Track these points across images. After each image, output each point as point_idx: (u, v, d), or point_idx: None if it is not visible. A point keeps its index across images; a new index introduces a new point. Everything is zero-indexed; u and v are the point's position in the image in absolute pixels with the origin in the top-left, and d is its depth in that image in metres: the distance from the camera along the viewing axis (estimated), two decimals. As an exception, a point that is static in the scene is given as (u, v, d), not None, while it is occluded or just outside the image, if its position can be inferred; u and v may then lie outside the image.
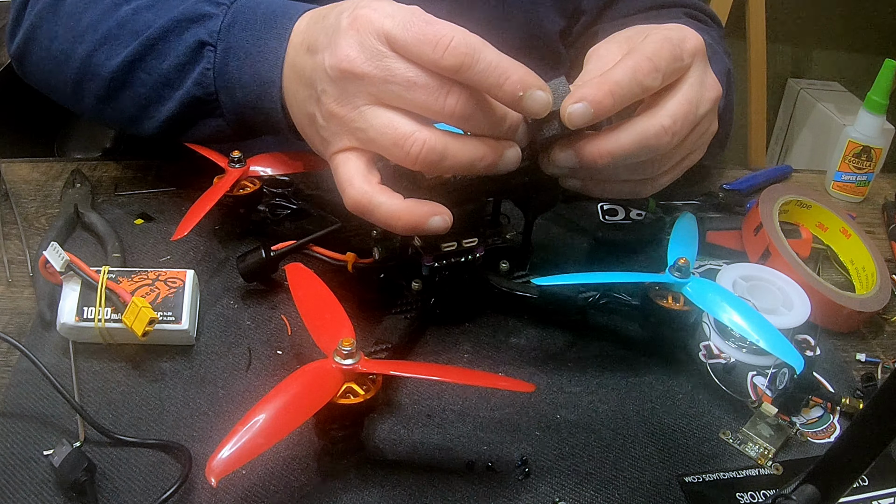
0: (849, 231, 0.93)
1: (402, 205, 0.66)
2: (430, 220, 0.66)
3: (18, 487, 0.61)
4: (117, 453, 0.65)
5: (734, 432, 0.71)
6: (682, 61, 0.71)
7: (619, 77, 0.67)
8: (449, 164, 0.66)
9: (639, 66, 0.68)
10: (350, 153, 0.68)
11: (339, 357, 0.62)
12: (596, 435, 0.70)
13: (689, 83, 0.72)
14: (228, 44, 0.80)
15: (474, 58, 0.62)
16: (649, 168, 0.75)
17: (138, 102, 0.86)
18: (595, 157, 0.69)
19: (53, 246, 0.72)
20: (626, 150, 0.69)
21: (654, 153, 0.71)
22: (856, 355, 0.81)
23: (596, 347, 0.79)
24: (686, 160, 0.77)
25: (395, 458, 0.66)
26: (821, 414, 0.74)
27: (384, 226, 0.67)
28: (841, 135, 1.09)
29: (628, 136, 0.69)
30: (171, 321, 0.73)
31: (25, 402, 0.68)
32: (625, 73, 0.67)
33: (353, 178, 0.67)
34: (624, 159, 0.70)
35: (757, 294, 0.81)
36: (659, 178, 0.77)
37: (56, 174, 0.99)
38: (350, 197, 0.67)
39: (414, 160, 0.65)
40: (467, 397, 0.72)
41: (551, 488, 0.65)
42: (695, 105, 0.72)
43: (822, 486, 0.52)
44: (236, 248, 0.86)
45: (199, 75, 0.82)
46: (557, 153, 0.70)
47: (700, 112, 0.73)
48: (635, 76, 0.67)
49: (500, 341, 0.79)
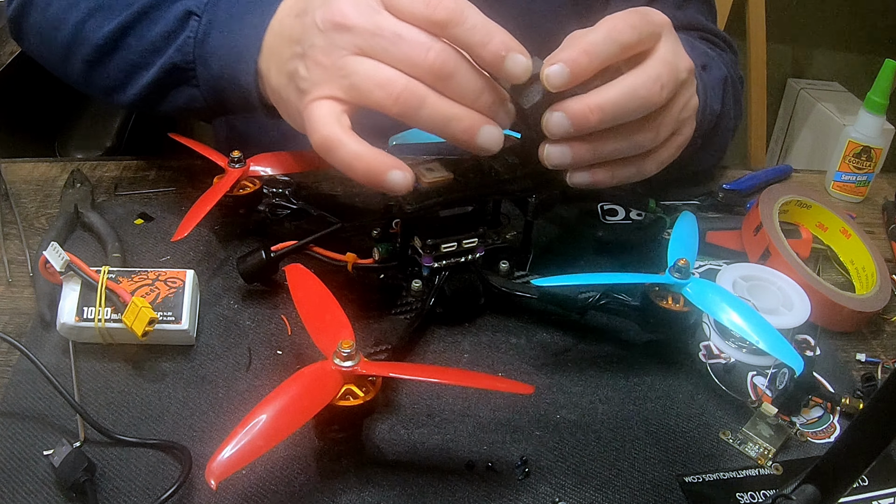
0: (849, 231, 0.93)
1: (368, 150, 0.67)
2: (390, 172, 0.66)
3: (18, 487, 0.61)
4: (117, 453, 0.65)
5: (734, 432, 0.71)
6: (654, 25, 0.72)
7: (592, 38, 0.69)
8: (427, 113, 0.66)
9: (613, 26, 0.69)
10: (326, 100, 0.69)
11: (339, 359, 0.62)
12: (596, 435, 0.70)
13: (664, 47, 0.73)
14: (213, 15, 0.82)
15: (463, 15, 0.64)
16: (646, 136, 0.74)
17: (125, 68, 0.88)
18: (586, 113, 0.69)
19: (53, 246, 0.72)
20: (616, 102, 0.69)
21: (645, 107, 0.71)
22: (856, 355, 0.81)
23: (596, 347, 0.79)
24: (678, 135, 0.77)
25: (395, 458, 0.66)
26: (821, 414, 0.74)
27: (345, 168, 0.67)
28: (841, 135, 1.09)
29: (616, 89, 0.69)
30: (171, 321, 0.73)
31: (25, 402, 0.68)
32: (598, 34, 0.69)
33: (324, 118, 0.68)
34: (616, 115, 0.70)
35: (757, 294, 0.81)
36: (659, 152, 0.77)
37: (56, 174, 0.99)
38: (318, 133, 0.68)
39: (395, 100, 0.66)
40: (467, 397, 0.72)
41: (551, 488, 0.65)
42: (674, 66, 0.73)
43: (822, 487, 0.52)
44: (236, 248, 0.86)
45: (181, 43, 0.83)
46: (549, 119, 0.70)
47: (681, 75, 0.74)
48: (609, 34, 0.69)
49: (500, 341, 0.79)
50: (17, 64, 1.46)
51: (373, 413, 0.67)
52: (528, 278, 0.81)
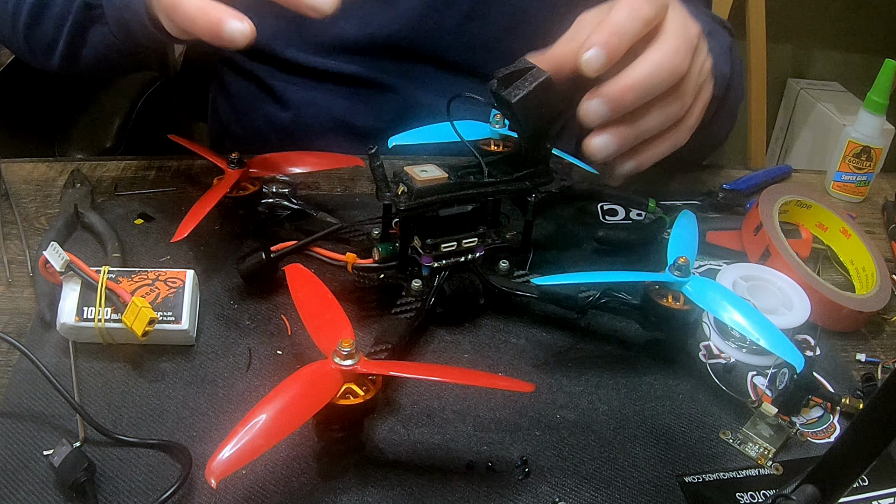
0: (849, 231, 0.93)
1: (209, 3, 0.68)
2: (228, 21, 0.67)
3: (18, 487, 0.61)
4: (117, 453, 0.65)
5: (734, 432, 0.71)
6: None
7: (617, 17, 0.71)
8: None
9: (632, 4, 0.71)
10: None
11: (339, 358, 0.62)
12: (596, 435, 0.70)
13: (673, 17, 0.75)
14: None
15: None
16: (676, 104, 0.76)
17: (53, 23, 0.95)
18: (622, 93, 0.71)
19: (53, 246, 0.72)
20: (647, 77, 0.72)
21: (673, 77, 0.73)
22: (856, 355, 0.81)
23: (596, 347, 0.79)
24: (699, 99, 0.80)
25: (394, 458, 0.66)
26: (821, 414, 0.74)
27: (188, 23, 0.69)
28: (841, 135, 1.09)
29: (643, 65, 0.72)
30: (171, 321, 0.73)
31: (25, 402, 0.68)
32: (621, 13, 0.71)
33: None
34: (647, 91, 0.72)
35: (757, 294, 0.81)
36: (687, 119, 0.79)
37: (56, 174, 0.99)
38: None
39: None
40: (467, 397, 0.72)
41: (551, 488, 0.65)
42: (686, 33, 0.75)
43: (822, 486, 0.51)
44: (236, 248, 0.86)
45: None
46: (586, 108, 0.72)
47: (693, 41, 0.76)
48: (632, 12, 0.71)
49: (500, 341, 0.79)
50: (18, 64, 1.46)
51: (373, 412, 0.67)
52: (527, 277, 0.81)
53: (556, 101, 0.73)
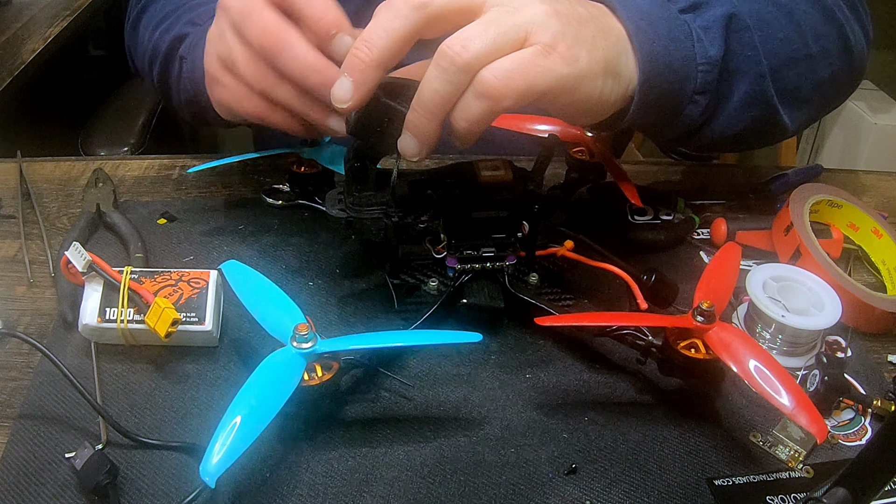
0: (880, 231, 0.91)
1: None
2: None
3: (40, 490, 0.61)
4: (140, 456, 0.64)
5: (764, 434, 0.70)
6: None
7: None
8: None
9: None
10: None
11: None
12: (624, 437, 0.69)
13: None
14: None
15: None
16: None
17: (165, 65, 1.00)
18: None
19: (75, 246, 0.72)
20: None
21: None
22: (887, 357, 0.80)
23: (624, 349, 0.78)
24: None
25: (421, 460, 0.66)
26: (852, 416, 0.73)
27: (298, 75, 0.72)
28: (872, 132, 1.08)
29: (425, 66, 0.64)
30: (195, 322, 0.72)
31: (47, 404, 0.68)
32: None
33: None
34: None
35: (787, 295, 0.80)
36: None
37: (78, 173, 0.99)
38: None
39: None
40: (495, 398, 0.71)
41: (580, 491, 0.64)
42: None
43: (853, 489, 0.51)
44: (261, 249, 0.86)
45: None
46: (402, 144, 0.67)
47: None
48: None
49: (526, 343, 0.78)
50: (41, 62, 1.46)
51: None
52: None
53: None
